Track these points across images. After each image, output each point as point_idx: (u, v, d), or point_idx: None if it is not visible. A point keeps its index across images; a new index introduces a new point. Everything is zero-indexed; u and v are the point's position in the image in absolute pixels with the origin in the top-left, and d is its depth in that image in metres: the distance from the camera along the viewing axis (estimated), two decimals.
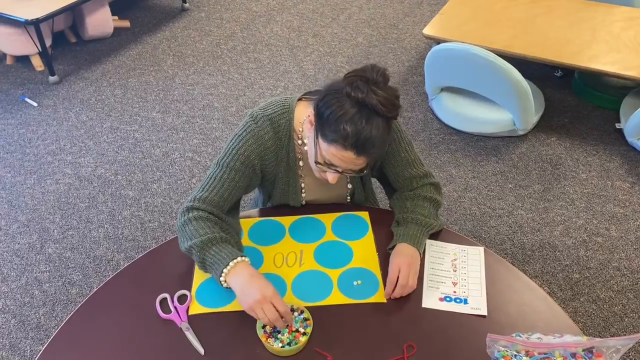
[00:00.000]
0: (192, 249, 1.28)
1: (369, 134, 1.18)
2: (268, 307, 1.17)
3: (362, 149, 1.20)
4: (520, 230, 2.47)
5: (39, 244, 2.44)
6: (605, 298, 2.20)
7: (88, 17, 3.71)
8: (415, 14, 4.20)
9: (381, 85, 1.18)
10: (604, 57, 2.75)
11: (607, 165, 2.81)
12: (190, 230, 1.31)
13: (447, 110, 3.04)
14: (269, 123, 1.37)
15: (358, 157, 1.22)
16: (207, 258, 1.27)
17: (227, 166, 1.37)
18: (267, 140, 1.38)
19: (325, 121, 1.21)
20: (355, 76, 1.19)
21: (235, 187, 1.39)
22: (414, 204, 1.45)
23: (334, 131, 1.19)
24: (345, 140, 1.19)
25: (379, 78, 1.18)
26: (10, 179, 2.77)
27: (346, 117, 1.17)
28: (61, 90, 3.41)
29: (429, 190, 1.48)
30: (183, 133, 3.06)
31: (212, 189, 1.37)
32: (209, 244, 1.28)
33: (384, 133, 1.21)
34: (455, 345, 1.21)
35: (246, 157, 1.37)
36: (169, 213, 2.58)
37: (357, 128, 1.17)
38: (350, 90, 1.17)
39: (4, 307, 2.18)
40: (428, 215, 1.43)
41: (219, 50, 3.79)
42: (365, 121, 1.17)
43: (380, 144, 1.21)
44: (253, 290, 1.19)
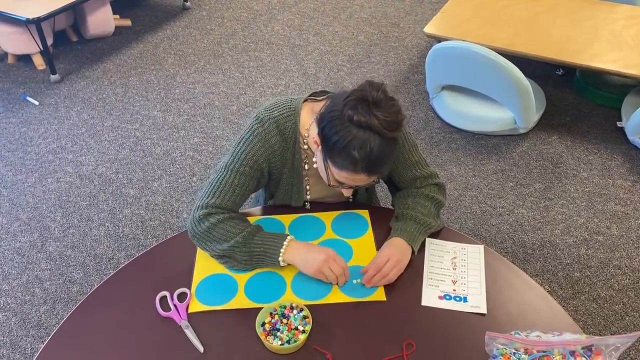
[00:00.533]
0: (235, 248, 1.31)
1: (378, 155, 1.19)
2: (333, 264, 1.28)
3: (373, 170, 1.23)
4: (521, 229, 2.47)
5: (40, 242, 2.44)
6: (606, 297, 2.19)
7: (89, 16, 3.71)
8: (416, 12, 4.19)
9: (382, 103, 1.17)
10: (606, 55, 2.74)
11: (608, 164, 2.80)
12: (220, 233, 1.33)
13: (448, 109, 3.04)
14: (275, 126, 1.36)
15: (370, 177, 1.25)
16: (254, 249, 1.32)
17: (236, 171, 1.36)
18: (274, 144, 1.37)
19: (332, 148, 1.21)
20: (356, 99, 1.18)
21: (245, 191, 1.39)
22: (415, 202, 1.45)
23: (343, 158, 1.20)
24: (355, 166, 1.20)
25: (379, 96, 1.17)
26: (11, 177, 2.77)
27: (353, 143, 1.17)
28: (62, 89, 3.41)
29: (432, 190, 1.48)
30: (184, 132, 3.07)
31: (223, 195, 1.36)
32: (251, 237, 1.33)
33: (391, 149, 1.22)
34: (454, 343, 1.21)
35: (255, 161, 1.37)
36: (170, 211, 2.58)
37: (365, 153, 1.18)
38: (352, 114, 1.17)
39: (5, 305, 2.19)
40: (428, 215, 1.43)
41: (220, 49, 3.79)
42: (372, 144, 1.17)
43: (389, 159, 1.24)
44: (316, 255, 1.29)
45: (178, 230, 2.48)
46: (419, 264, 1.38)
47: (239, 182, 1.37)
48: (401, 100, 3.27)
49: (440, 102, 3.09)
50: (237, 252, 1.32)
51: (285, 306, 1.24)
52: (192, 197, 2.66)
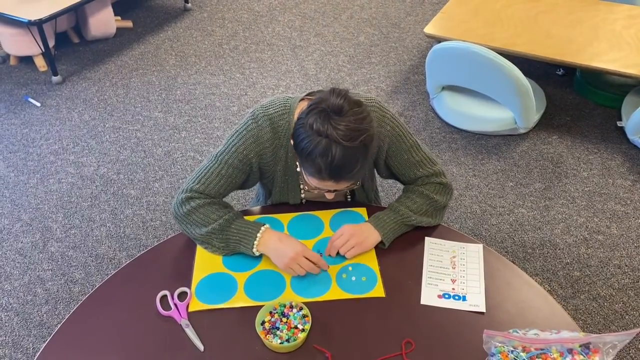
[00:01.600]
0: (212, 233, 1.37)
1: (341, 162, 1.18)
2: (303, 261, 1.31)
3: (338, 177, 1.22)
4: (521, 229, 2.48)
5: (42, 242, 2.45)
6: (605, 296, 2.20)
7: (91, 18, 3.72)
8: (416, 12, 4.20)
9: (344, 111, 1.17)
10: (606, 55, 2.75)
11: (608, 164, 2.81)
12: (199, 217, 1.38)
13: (449, 109, 3.04)
14: (269, 123, 1.38)
15: (339, 183, 1.25)
16: (230, 237, 1.37)
17: (225, 162, 1.40)
18: (266, 141, 1.39)
19: (300, 154, 1.23)
20: (316, 108, 1.18)
21: (231, 183, 1.43)
22: (406, 197, 1.47)
23: (310, 165, 1.22)
24: (320, 173, 1.21)
25: (340, 103, 1.17)
26: (13, 178, 2.79)
27: (315, 151, 1.17)
28: (64, 91, 3.43)
29: (429, 188, 1.47)
30: (185, 132, 3.08)
31: (208, 183, 1.41)
32: (227, 225, 1.37)
33: (357, 155, 1.20)
34: (453, 341, 1.21)
35: (245, 155, 1.39)
36: (171, 212, 2.59)
37: (327, 161, 1.17)
38: (312, 122, 1.17)
39: (7, 305, 2.20)
40: (415, 210, 1.43)
41: (221, 50, 3.80)
42: (334, 152, 1.16)
43: (356, 165, 1.21)
44: (286, 250, 1.32)
45: (179, 230, 2.49)
46: (418, 263, 1.39)
47: (226, 173, 1.40)
48: (401, 100, 3.28)
49: (440, 102, 3.09)
50: (213, 238, 1.38)
51: (284, 305, 1.25)
52: None
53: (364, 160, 1.22)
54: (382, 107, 1.40)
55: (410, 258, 1.40)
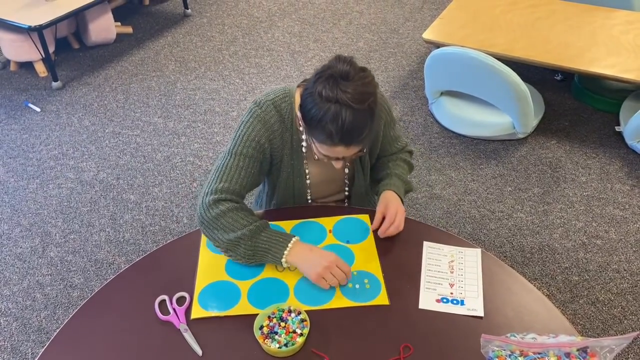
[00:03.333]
0: (241, 239, 1.34)
1: (351, 126, 1.23)
2: (336, 270, 1.31)
3: (349, 141, 1.27)
4: (520, 233, 2.48)
5: (41, 247, 2.46)
6: (604, 300, 2.20)
7: (91, 24, 3.74)
8: (415, 18, 4.22)
9: (350, 75, 1.22)
10: (604, 60, 2.76)
11: (606, 168, 2.81)
12: (228, 222, 1.35)
13: (447, 114, 3.05)
14: (273, 107, 1.41)
15: (349, 148, 1.29)
16: (259, 245, 1.34)
17: (240, 154, 1.40)
18: (274, 124, 1.42)
19: (310, 123, 1.27)
20: (323, 75, 1.24)
21: (251, 174, 1.43)
22: (395, 164, 1.62)
23: (320, 132, 1.26)
24: (331, 138, 1.25)
25: (347, 68, 1.22)
26: (13, 183, 2.79)
27: (326, 117, 1.23)
28: (64, 96, 3.44)
29: (407, 155, 1.68)
30: (184, 138, 3.08)
31: (230, 179, 1.39)
32: (258, 232, 1.35)
33: (366, 119, 1.26)
34: (451, 346, 1.21)
35: (257, 142, 1.41)
36: (170, 217, 2.59)
37: (338, 125, 1.22)
38: (321, 89, 1.22)
39: (6, 310, 2.20)
40: (405, 174, 1.62)
41: (220, 55, 3.82)
42: (344, 116, 1.22)
43: (365, 129, 1.27)
44: (319, 260, 1.31)
45: (178, 235, 2.50)
46: (417, 268, 1.39)
47: (244, 164, 1.40)
48: (400, 105, 3.29)
49: (439, 107, 3.10)
50: (242, 244, 1.34)
51: (283, 309, 1.25)
52: (192, 203, 2.67)
53: (371, 123, 1.28)
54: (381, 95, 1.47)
55: (408, 262, 1.40)
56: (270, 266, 1.39)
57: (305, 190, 1.57)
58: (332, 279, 1.31)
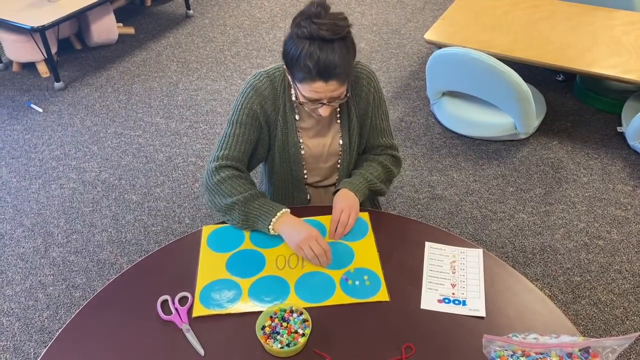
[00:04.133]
0: (235, 204, 1.43)
1: (326, 59, 1.29)
2: (314, 244, 1.36)
3: (327, 75, 1.32)
4: (522, 234, 2.48)
5: (44, 247, 2.46)
6: (606, 301, 2.20)
7: (93, 24, 3.75)
8: (417, 19, 4.22)
9: (322, 15, 1.30)
10: (605, 60, 2.76)
11: (608, 169, 2.81)
12: (227, 188, 1.45)
13: (449, 115, 3.05)
14: (266, 76, 1.51)
15: (328, 83, 1.33)
16: (251, 211, 1.43)
17: (237, 122, 1.51)
18: (265, 90, 1.50)
19: (289, 65, 1.36)
20: (298, 17, 1.33)
21: (248, 141, 1.52)
22: (367, 165, 1.62)
23: (299, 70, 1.33)
24: (309, 73, 1.32)
25: (318, 10, 1.30)
26: (15, 183, 2.80)
27: (302, 53, 1.30)
28: (66, 97, 3.44)
29: (386, 159, 1.63)
30: (186, 138, 3.09)
31: (230, 146, 1.51)
32: (251, 200, 1.44)
33: (342, 53, 1.31)
34: (453, 346, 1.21)
35: (250, 108, 1.50)
36: (172, 217, 2.60)
37: (314, 59, 1.29)
38: (297, 30, 1.32)
39: (9, 310, 2.20)
40: (376, 176, 1.58)
41: (222, 56, 3.82)
42: (320, 50, 1.29)
43: (342, 63, 1.32)
44: (301, 231, 1.38)
45: (180, 235, 2.50)
46: (419, 268, 1.39)
47: (241, 131, 1.51)
48: (402, 106, 3.29)
49: (440, 108, 3.11)
50: (236, 209, 1.44)
51: (285, 310, 1.26)
52: (194, 203, 2.68)
53: (347, 56, 1.34)
54: (372, 71, 1.57)
55: (410, 263, 1.40)
56: (271, 264, 1.40)
57: (300, 161, 1.60)
58: (309, 252, 1.36)
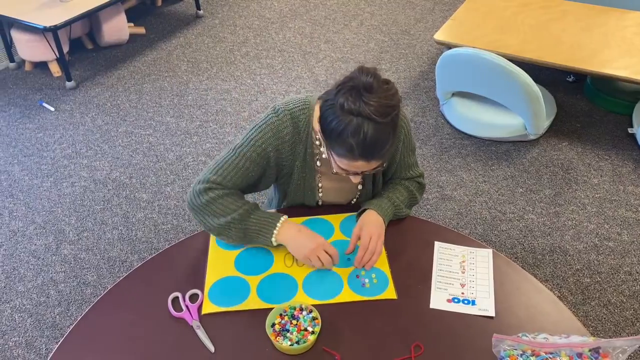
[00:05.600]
0: (231, 223, 1.36)
1: (373, 140, 1.19)
2: (322, 254, 1.33)
3: (370, 155, 1.23)
4: (531, 235, 2.47)
5: (55, 245, 2.49)
6: (616, 303, 2.19)
7: (104, 24, 3.78)
8: (426, 19, 4.21)
9: (374, 88, 1.18)
10: (616, 61, 2.74)
11: (619, 170, 2.80)
12: (218, 207, 1.37)
13: (458, 115, 3.05)
14: (289, 117, 1.39)
15: (370, 163, 1.25)
16: (249, 227, 1.37)
17: (243, 155, 1.39)
18: (286, 135, 1.39)
19: (329, 137, 1.24)
20: (345, 86, 1.19)
21: (247, 177, 1.41)
22: (392, 188, 1.55)
23: (340, 146, 1.22)
24: (352, 152, 1.21)
25: (370, 80, 1.18)
26: (27, 181, 2.83)
27: (347, 131, 1.18)
28: (78, 96, 3.47)
29: (412, 185, 1.57)
30: (196, 137, 3.11)
31: (226, 174, 1.39)
32: (247, 215, 1.37)
33: (387, 133, 1.21)
34: (462, 345, 1.22)
35: (263, 149, 1.39)
36: (182, 215, 2.61)
37: (359, 139, 1.18)
38: (343, 102, 1.18)
39: (21, 306, 2.23)
40: (402, 202, 1.52)
41: (232, 56, 3.84)
42: (366, 130, 1.17)
43: (387, 143, 1.23)
44: (306, 241, 1.34)
45: (190, 233, 2.51)
46: (428, 267, 1.39)
47: (243, 165, 1.39)
48: (411, 106, 3.29)
49: (450, 108, 3.10)
50: (232, 227, 1.37)
51: (294, 307, 1.26)
52: None
53: (394, 138, 1.24)
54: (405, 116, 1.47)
55: (419, 262, 1.40)
56: (279, 261, 1.41)
57: (314, 200, 1.55)
58: (317, 262, 1.33)
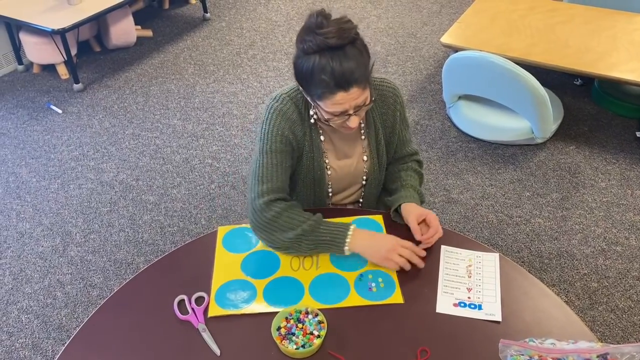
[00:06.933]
0: (302, 236, 1.37)
1: (341, 67, 1.24)
2: (402, 250, 1.35)
3: (346, 83, 1.26)
4: (538, 239, 2.46)
5: (62, 247, 2.50)
6: (624, 308, 2.17)
7: (112, 27, 3.80)
8: (433, 22, 4.21)
9: (325, 24, 1.24)
10: (624, 65, 2.73)
11: (627, 174, 2.78)
12: (286, 221, 1.37)
13: (465, 118, 3.04)
14: (289, 98, 1.44)
15: (349, 92, 1.28)
16: (320, 238, 1.38)
17: (271, 151, 1.42)
18: (292, 114, 1.43)
19: (305, 84, 1.31)
20: (301, 33, 1.28)
21: (286, 169, 1.45)
22: (407, 175, 1.60)
23: (316, 87, 1.28)
24: (328, 87, 1.26)
25: (319, 20, 1.25)
26: (35, 183, 2.84)
27: (315, 68, 1.25)
28: (85, 98, 3.49)
29: (417, 165, 1.66)
30: (203, 140, 3.11)
31: (270, 178, 1.41)
32: (317, 226, 1.38)
33: (355, 56, 1.26)
34: (468, 350, 1.21)
35: (281, 134, 1.42)
36: (188, 218, 2.62)
37: (329, 71, 1.24)
38: (303, 46, 1.26)
39: (28, 307, 2.24)
40: (418, 184, 1.62)
41: (239, 59, 3.85)
42: (332, 60, 1.23)
43: (358, 66, 1.27)
44: (382, 243, 1.36)
45: (196, 236, 2.52)
46: (434, 271, 1.39)
47: (277, 160, 1.42)
48: (418, 109, 3.29)
49: (456, 111, 3.09)
50: (303, 240, 1.37)
51: (300, 311, 1.26)
52: (210, 204, 2.69)
53: (361, 58, 1.28)
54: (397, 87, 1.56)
55: (426, 266, 1.40)
56: (286, 265, 1.41)
57: (325, 183, 1.56)
58: (400, 259, 1.34)
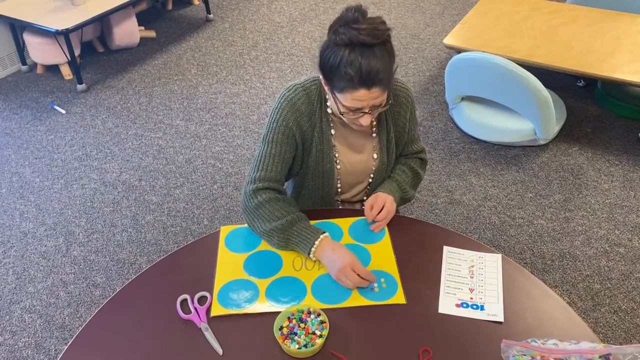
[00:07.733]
0: (274, 231, 1.41)
1: (369, 65, 1.26)
2: (350, 273, 1.33)
3: (370, 82, 1.28)
4: (540, 240, 2.46)
5: (65, 246, 2.50)
6: (627, 309, 2.17)
7: (115, 28, 3.81)
8: (436, 24, 4.21)
9: (360, 20, 1.26)
10: (627, 66, 2.73)
11: (630, 176, 2.77)
12: (266, 213, 1.42)
13: (468, 120, 3.04)
14: (302, 89, 1.46)
15: (371, 91, 1.30)
16: (290, 238, 1.41)
17: (272, 141, 1.46)
18: (301, 105, 1.45)
19: (329, 74, 1.32)
20: (335, 24, 1.29)
21: (284, 159, 1.48)
22: (399, 169, 1.63)
23: (339, 79, 1.29)
24: (351, 82, 1.28)
25: (356, 15, 1.26)
26: (38, 183, 2.85)
27: (343, 61, 1.26)
28: (88, 98, 3.50)
29: (415, 162, 1.65)
30: (206, 140, 3.12)
31: (266, 167, 1.46)
32: (290, 225, 1.41)
33: (383, 58, 1.28)
34: (471, 351, 1.21)
35: (285, 126, 1.45)
36: (191, 218, 2.62)
37: (356, 66, 1.25)
38: (335, 37, 1.27)
39: (31, 307, 2.24)
40: (407, 183, 1.61)
41: (241, 60, 3.85)
42: (361, 56, 1.25)
43: (384, 68, 1.28)
44: (338, 260, 1.35)
45: (199, 236, 2.52)
46: (437, 272, 1.39)
47: (276, 150, 1.46)
48: (420, 110, 3.29)
49: (459, 112, 3.09)
50: (275, 235, 1.42)
51: (302, 311, 1.26)
52: (213, 205, 2.70)
53: (389, 61, 1.30)
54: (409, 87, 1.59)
55: (428, 267, 1.40)
56: (288, 265, 1.41)
57: (334, 177, 1.57)
58: (347, 282, 1.33)
